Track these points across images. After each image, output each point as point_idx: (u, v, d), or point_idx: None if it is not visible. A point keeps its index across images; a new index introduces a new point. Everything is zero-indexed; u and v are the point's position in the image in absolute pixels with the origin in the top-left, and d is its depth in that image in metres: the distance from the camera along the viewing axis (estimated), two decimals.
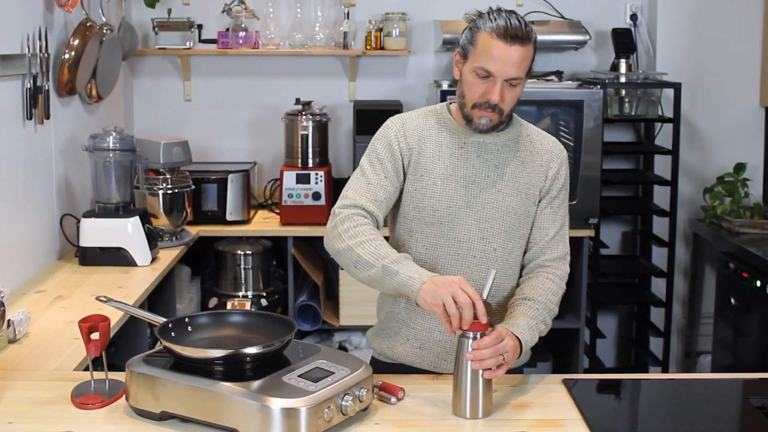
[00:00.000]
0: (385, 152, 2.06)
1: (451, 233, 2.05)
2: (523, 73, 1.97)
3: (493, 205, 2.05)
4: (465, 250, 2.05)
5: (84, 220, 3.14)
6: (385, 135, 2.08)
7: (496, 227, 2.05)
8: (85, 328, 1.83)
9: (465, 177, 2.05)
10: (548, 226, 2.09)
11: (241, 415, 1.63)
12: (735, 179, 3.90)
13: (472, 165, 2.05)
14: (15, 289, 2.79)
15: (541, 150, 2.10)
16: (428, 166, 2.05)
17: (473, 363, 1.78)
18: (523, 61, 1.95)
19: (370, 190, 2.03)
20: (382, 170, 2.05)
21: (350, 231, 1.95)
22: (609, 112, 3.97)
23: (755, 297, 3.37)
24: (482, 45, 1.94)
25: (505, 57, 1.93)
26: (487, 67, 1.94)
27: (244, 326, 1.91)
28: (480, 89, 1.97)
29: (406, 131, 2.07)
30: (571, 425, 1.79)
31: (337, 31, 4.09)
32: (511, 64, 1.93)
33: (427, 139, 2.07)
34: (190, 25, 4.05)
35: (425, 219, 2.06)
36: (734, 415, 1.96)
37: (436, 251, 2.06)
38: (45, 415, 1.80)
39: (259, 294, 3.82)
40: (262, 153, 4.26)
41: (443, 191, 2.04)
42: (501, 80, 1.94)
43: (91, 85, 3.45)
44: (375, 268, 1.90)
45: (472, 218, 2.05)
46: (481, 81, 1.96)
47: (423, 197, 2.05)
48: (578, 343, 3.85)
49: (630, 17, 4.19)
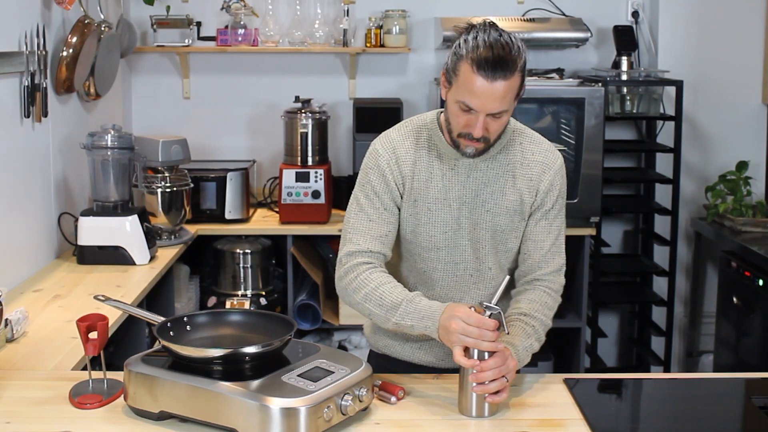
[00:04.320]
0: (381, 185, 2.00)
1: (448, 257, 2.03)
2: (509, 104, 1.86)
3: (483, 225, 2.01)
4: (462, 271, 2.04)
5: (82, 219, 3.13)
6: (377, 164, 2.01)
7: (488, 247, 2.02)
8: (83, 327, 1.82)
9: (457, 199, 2.00)
10: (543, 239, 2.05)
11: (240, 414, 1.63)
12: (737, 177, 3.89)
13: (462, 185, 2.00)
14: (12, 288, 2.78)
15: (532, 162, 2.02)
16: (421, 191, 2.00)
17: (476, 387, 1.77)
18: (508, 93, 1.84)
19: (371, 227, 1.98)
20: (380, 203, 1.99)
21: (354, 283, 1.94)
22: (610, 110, 3.96)
23: (757, 296, 3.36)
24: (464, 78, 1.83)
25: (486, 93, 1.81)
26: (468, 103, 1.84)
27: (243, 325, 1.90)
28: (463, 121, 1.88)
29: (398, 158, 1.99)
30: (572, 425, 1.78)
31: (336, 28, 4.08)
32: (494, 99, 1.82)
33: (418, 162, 2.00)
34: (188, 22, 4.03)
35: (422, 244, 2.02)
36: (736, 415, 1.96)
37: (435, 274, 2.04)
38: (43, 415, 1.79)
39: (258, 293, 3.81)
40: (261, 151, 4.25)
41: (438, 216, 2.00)
42: (483, 115, 1.85)
43: (89, 83, 3.44)
44: (390, 322, 1.91)
45: (466, 239, 2.02)
46: (464, 114, 1.86)
47: (419, 223, 2.01)
48: (579, 343, 3.84)
49: (631, 14, 4.18)
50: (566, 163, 3.76)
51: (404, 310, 1.88)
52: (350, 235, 1.99)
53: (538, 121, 3.79)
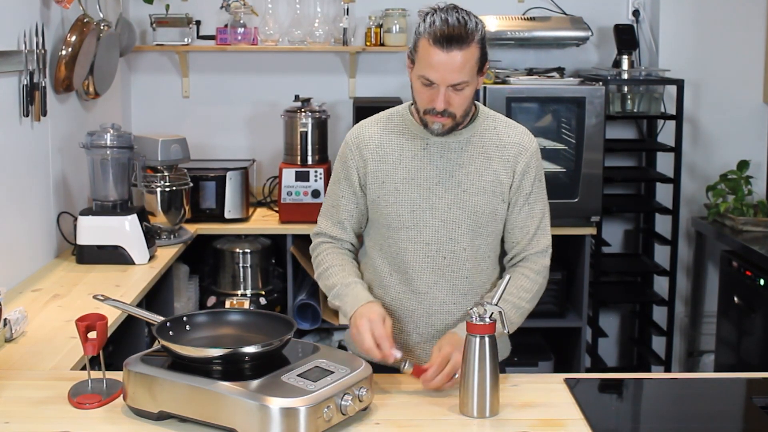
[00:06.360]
0: (342, 170, 2.11)
1: (418, 237, 2.04)
2: (469, 75, 1.90)
3: (459, 205, 2.03)
4: (434, 252, 2.05)
5: (81, 218, 3.12)
6: (342, 152, 2.12)
7: (464, 227, 2.04)
8: (83, 327, 1.82)
9: (429, 179, 2.03)
10: (528, 224, 2.07)
11: (239, 414, 1.62)
12: (738, 177, 3.88)
13: (436, 166, 2.03)
14: (11, 288, 2.78)
15: (508, 143, 2.05)
16: (389, 172, 2.05)
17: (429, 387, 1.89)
18: (466, 63, 1.88)
19: (332, 213, 2.14)
20: (340, 190, 2.12)
21: (315, 261, 2.16)
22: (611, 109, 3.96)
23: (758, 295, 3.36)
24: (422, 52, 1.90)
25: (443, 64, 1.87)
26: (428, 76, 1.90)
27: (243, 325, 1.90)
28: (426, 96, 1.94)
29: (360, 142, 2.08)
30: (572, 425, 1.78)
31: (336, 27, 4.07)
32: (451, 70, 1.87)
33: (386, 145, 2.06)
34: (188, 21, 4.03)
35: (392, 224, 2.06)
36: (737, 415, 1.95)
37: (406, 255, 2.06)
38: (42, 415, 1.79)
39: (257, 293, 3.80)
40: (261, 150, 4.25)
41: (405, 195, 2.03)
42: (444, 87, 1.90)
43: (88, 82, 3.43)
44: (330, 303, 2.10)
45: (438, 219, 2.03)
46: (426, 88, 1.93)
47: (387, 203, 2.05)
48: (580, 343, 3.83)
49: (632, 13, 4.18)
50: (567, 162, 3.80)
51: (336, 292, 2.06)
52: (319, 217, 2.19)
53: (538, 120, 3.78)
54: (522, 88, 3.74)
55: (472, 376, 1.78)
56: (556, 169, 3.73)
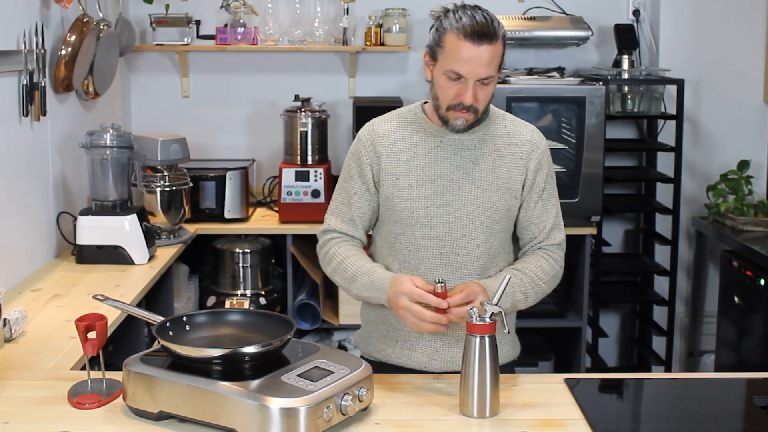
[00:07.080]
0: (355, 167, 2.10)
1: (431, 233, 2.05)
2: (495, 70, 1.95)
3: (474, 201, 2.04)
4: (447, 249, 2.06)
5: (81, 218, 3.12)
6: (355, 148, 2.12)
7: (477, 224, 2.05)
8: (82, 327, 1.82)
9: (443, 176, 2.04)
10: (544, 220, 2.10)
11: (239, 414, 1.62)
12: (738, 177, 3.88)
13: (450, 163, 2.05)
14: (11, 288, 2.77)
15: (519, 141, 2.08)
16: (403, 169, 2.06)
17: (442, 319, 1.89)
18: (494, 59, 1.93)
19: (343, 210, 2.12)
20: (352, 186, 2.10)
21: (326, 257, 2.11)
22: (611, 109, 3.95)
23: (759, 295, 3.35)
24: (450, 47, 1.92)
25: (474, 58, 1.91)
26: (457, 70, 1.92)
27: (243, 325, 1.90)
28: (453, 91, 1.96)
29: (374, 139, 2.09)
30: (572, 425, 1.78)
31: (336, 27, 4.07)
32: (481, 64, 1.91)
33: (399, 142, 2.07)
34: (188, 20, 4.03)
35: (405, 221, 2.06)
36: (738, 415, 1.95)
37: (419, 252, 2.06)
38: (41, 415, 1.79)
39: (257, 293, 3.80)
40: (261, 150, 4.24)
41: (419, 192, 2.05)
42: (473, 81, 1.94)
43: (88, 82, 3.43)
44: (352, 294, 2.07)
45: (452, 216, 2.05)
46: (453, 83, 1.95)
47: (400, 200, 2.06)
48: (580, 343, 3.83)
49: (632, 13, 4.18)
50: (567, 162, 3.79)
51: (361, 282, 2.02)
52: (327, 216, 2.16)
53: (538, 120, 3.78)
54: (522, 88, 3.74)
55: (472, 376, 1.78)
56: (557, 168, 3.69)
